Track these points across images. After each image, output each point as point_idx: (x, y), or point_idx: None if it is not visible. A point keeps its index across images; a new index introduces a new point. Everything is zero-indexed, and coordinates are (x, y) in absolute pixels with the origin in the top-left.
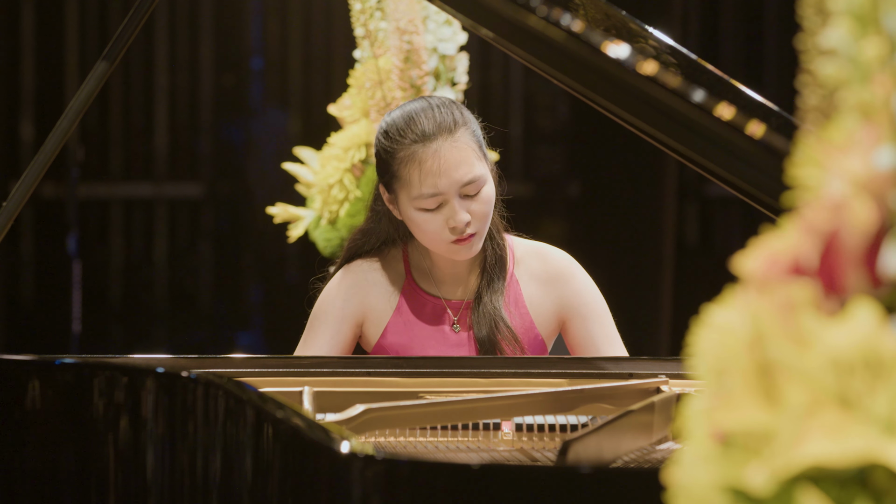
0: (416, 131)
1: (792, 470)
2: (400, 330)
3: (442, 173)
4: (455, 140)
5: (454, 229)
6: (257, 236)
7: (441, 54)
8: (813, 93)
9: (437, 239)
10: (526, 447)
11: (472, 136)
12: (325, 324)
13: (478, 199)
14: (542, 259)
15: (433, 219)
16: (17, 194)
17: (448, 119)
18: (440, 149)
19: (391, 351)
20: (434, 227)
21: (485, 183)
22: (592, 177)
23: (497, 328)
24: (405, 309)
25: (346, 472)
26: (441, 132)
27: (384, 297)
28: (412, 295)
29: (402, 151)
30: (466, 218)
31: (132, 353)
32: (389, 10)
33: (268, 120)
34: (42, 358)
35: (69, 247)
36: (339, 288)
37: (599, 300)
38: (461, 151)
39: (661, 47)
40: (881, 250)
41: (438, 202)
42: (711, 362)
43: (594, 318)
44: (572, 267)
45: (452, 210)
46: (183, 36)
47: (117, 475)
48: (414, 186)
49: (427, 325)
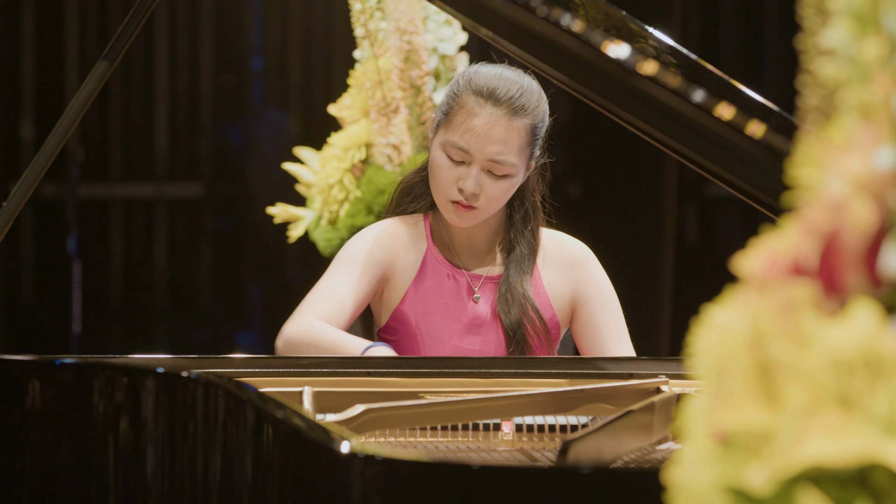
0: (489, 87)
1: (792, 470)
2: (420, 298)
3: (481, 138)
4: (512, 121)
5: (460, 191)
6: (257, 236)
7: (441, 54)
8: (813, 93)
9: (442, 189)
10: (526, 447)
11: (530, 129)
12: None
13: (497, 182)
14: (561, 245)
15: (450, 169)
16: (17, 194)
17: (522, 101)
18: (494, 117)
19: (409, 317)
20: (446, 177)
21: (513, 174)
22: (592, 177)
23: (525, 312)
24: (426, 276)
25: (346, 472)
26: (506, 104)
27: (409, 260)
28: (433, 263)
29: (465, 97)
30: (475, 188)
31: (132, 353)
32: (389, 10)
33: (268, 120)
34: (42, 358)
35: (69, 247)
36: (373, 234)
37: (611, 292)
38: (510, 133)
39: (661, 47)
40: (881, 250)
41: (462, 158)
42: (711, 362)
43: (603, 307)
44: (589, 255)
45: (468, 173)
46: (183, 36)
47: (117, 475)
48: (454, 131)
49: (447, 294)
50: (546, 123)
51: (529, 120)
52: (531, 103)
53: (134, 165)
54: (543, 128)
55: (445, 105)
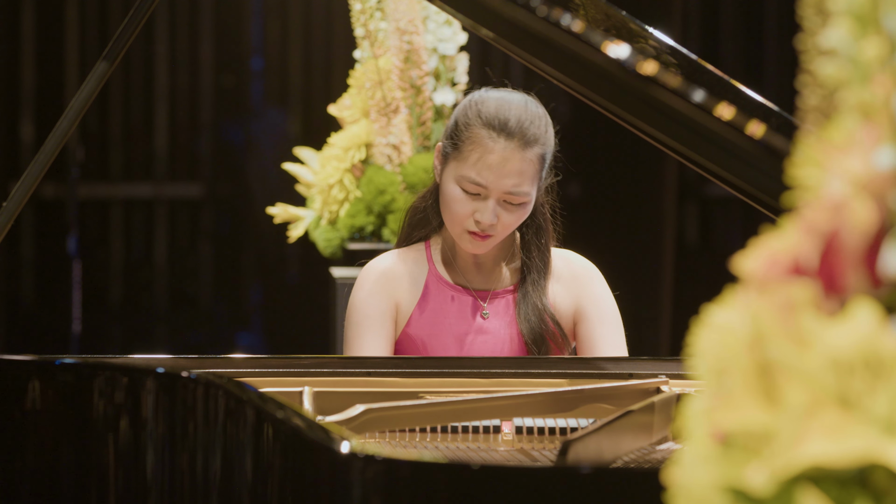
0: (500, 119)
1: (792, 470)
2: (424, 320)
3: (498, 173)
4: (525, 153)
5: (478, 223)
6: (257, 236)
7: (441, 54)
8: (813, 93)
9: (458, 221)
10: (526, 448)
11: (541, 157)
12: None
13: (513, 211)
14: (566, 261)
15: (466, 202)
16: (17, 194)
17: (533, 130)
18: (508, 151)
19: (416, 340)
20: (462, 210)
21: (527, 202)
22: (592, 177)
23: (546, 327)
24: (430, 298)
25: (346, 472)
26: (519, 136)
27: (409, 289)
28: (436, 285)
29: (476, 129)
30: (493, 220)
31: (132, 353)
32: (389, 10)
33: (268, 120)
34: (42, 358)
35: (69, 247)
36: (368, 287)
37: (613, 310)
38: (525, 164)
39: (661, 47)
40: (881, 250)
41: (477, 191)
42: (711, 362)
43: (603, 322)
44: (594, 273)
45: (486, 207)
46: (183, 36)
47: (117, 475)
48: (468, 166)
49: (452, 314)
50: (553, 148)
51: (540, 149)
52: (541, 131)
53: (134, 165)
54: (551, 152)
55: (454, 135)
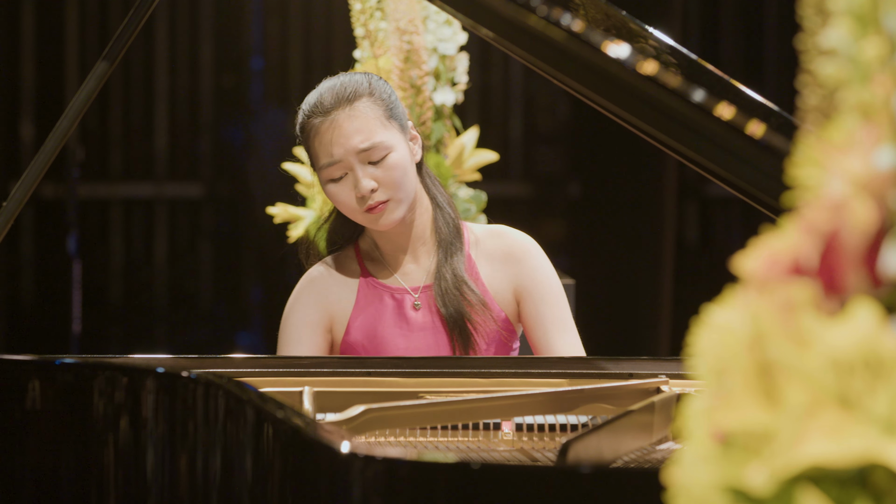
0: (317, 105)
1: (792, 470)
2: (362, 324)
3: (335, 142)
4: (353, 109)
5: (361, 198)
6: (257, 236)
7: (441, 54)
8: (813, 93)
9: (352, 209)
10: (526, 447)
11: (375, 104)
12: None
13: (382, 166)
14: (499, 238)
15: (341, 189)
16: (17, 194)
17: (348, 91)
18: (336, 119)
19: (357, 346)
20: (344, 198)
21: (391, 150)
22: (592, 177)
23: (463, 295)
24: (364, 303)
25: (346, 472)
26: (339, 104)
27: (343, 296)
28: (370, 288)
29: (308, 128)
30: (369, 185)
31: (132, 353)
32: (389, 10)
33: (268, 120)
34: (42, 358)
35: (69, 247)
36: (300, 299)
37: (554, 283)
38: (358, 120)
39: (661, 47)
40: (881, 250)
41: (342, 171)
42: (711, 362)
43: (546, 299)
44: (529, 247)
45: (355, 178)
46: (183, 36)
47: (117, 475)
48: (317, 158)
49: (388, 314)
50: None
51: (368, 98)
52: (360, 85)
53: (134, 165)
54: (393, 97)
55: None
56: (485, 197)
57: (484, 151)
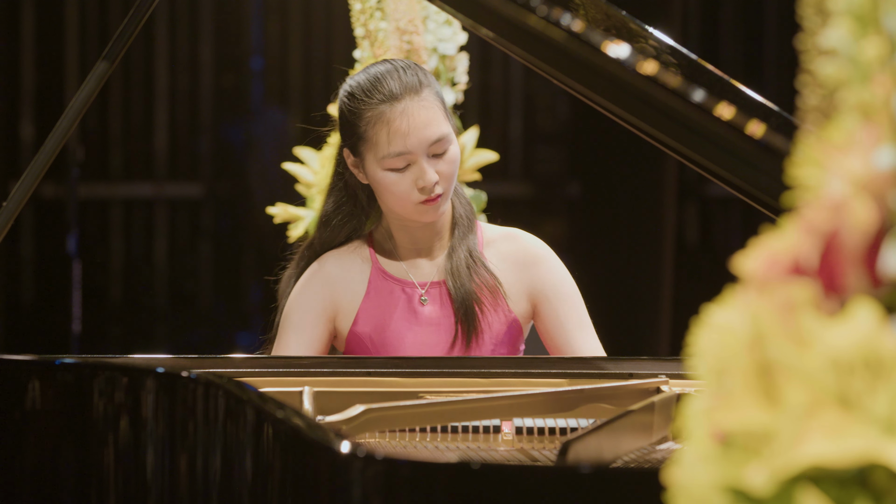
0: (383, 91)
1: (792, 470)
2: (370, 316)
3: (410, 132)
4: (422, 99)
5: (423, 189)
6: (257, 236)
7: (441, 54)
8: (813, 93)
9: (406, 200)
10: (526, 448)
11: (436, 96)
12: (297, 326)
13: (445, 159)
14: (514, 242)
15: (401, 179)
16: (17, 194)
17: (413, 80)
18: (407, 108)
19: (364, 337)
20: (403, 188)
21: (451, 143)
22: (592, 177)
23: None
24: (374, 295)
25: (346, 472)
26: (407, 92)
27: (352, 288)
28: (380, 281)
29: (369, 112)
30: (435, 177)
31: (132, 353)
32: (389, 10)
33: (268, 120)
34: (42, 358)
35: (69, 247)
36: (306, 288)
37: (570, 284)
38: (428, 111)
39: (661, 47)
40: (881, 250)
41: (406, 161)
42: (711, 362)
43: (564, 301)
44: (543, 251)
45: (421, 170)
46: (183, 36)
47: (117, 475)
48: (382, 146)
49: (396, 308)
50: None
51: (430, 88)
52: (420, 75)
53: (134, 165)
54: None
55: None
56: (485, 197)
57: (484, 151)
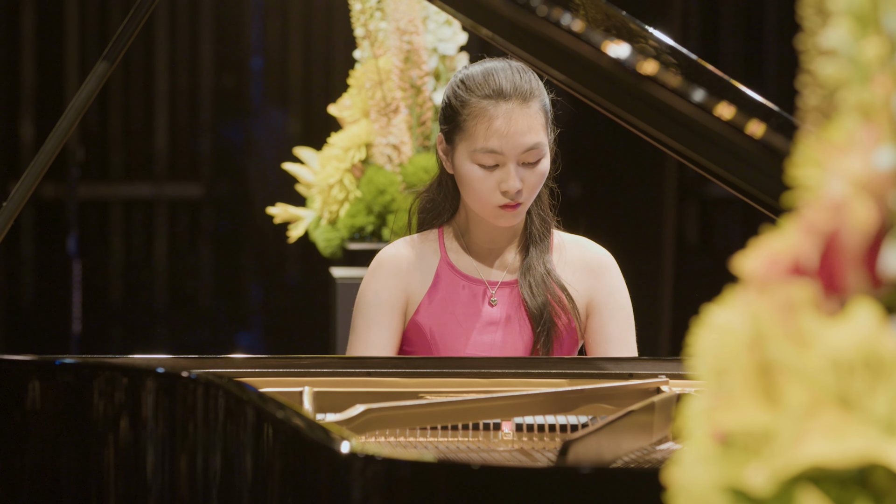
0: (493, 86)
1: (792, 470)
2: (434, 308)
3: (509, 135)
4: (528, 107)
5: (506, 193)
6: (257, 236)
7: (441, 54)
8: (813, 93)
9: (486, 199)
10: (526, 447)
11: (542, 107)
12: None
13: (534, 170)
14: (582, 249)
15: (487, 177)
16: (17, 194)
17: (526, 85)
18: (512, 111)
19: (425, 329)
20: (486, 187)
21: (544, 155)
22: (592, 177)
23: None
24: (440, 287)
25: (346, 472)
26: (516, 95)
27: (420, 277)
28: (448, 274)
29: (474, 103)
30: (519, 185)
31: (132, 353)
32: (389, 10)
33: (268, 120)
34: (42, 358)
35: (69, 247)
36: (378, 279)
37: (627, 304)
38: (531, 119)
39: (661, 47)
40: (881, 250)
41: (496, 161)
42: (711, 362)
43: (615, 318)
44: (610, 263)
45: (507, 173)
46: (183, 36)
47: (117, 475)
48: (478, 140)
49: (462, 304)
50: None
51: (539, 98)
52: (533, 84)
53: (134, 165)
54: (548, 102)
55: (453, 117)
56: None
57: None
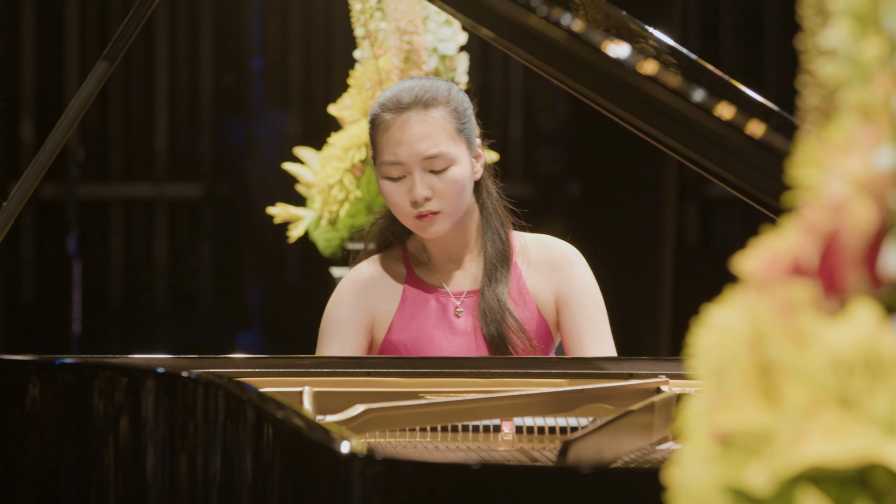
0: (395, 102)
1: (792, 470)
2: (405, 325)
3: (404, 142)
4: (427, 114)
5: (414, 203)
6: (257, 236)
7: (441, 54)
8: (813, 93)
9: (401, 211)
10: (526, 447)
11: (450, 115)
12: (337, 336)
13: (443, 178)
14: (544, 247)
15: (396, 189)
16: (17, 194)
17: (427, 95)
18: (408, 119)
19: (399, 346)
20: (396, 199)
21: (453, 163)
22: (592, 177)
23: (504, 321)
24: (409, 304)
25: (346, 472)
26: (416, 104)
27: (387, 297)
28: (414, 290)
29: (378, 119)
30: (424, 192)
31: (132, 353)
32: (389, 10)
33: (268, 120)
34: (42, 358)
35: (69, 247)
36: (344, 297)
37: (594, 294)
38: (429, 126)
39: (661, 47)
40: (881, 250)
41: (401, 172)
42: (711, 362)
43: (585, 310)
44: (573, 257)
45: (412, 182)
46: (183, 36)
47: (117, 475)
48: (383, 153)
49: (431, 317)
50: (470, 108)
51: (445, 106)
52: (440, 93)
53: (134, 165)
54: (468, 112)
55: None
56: None
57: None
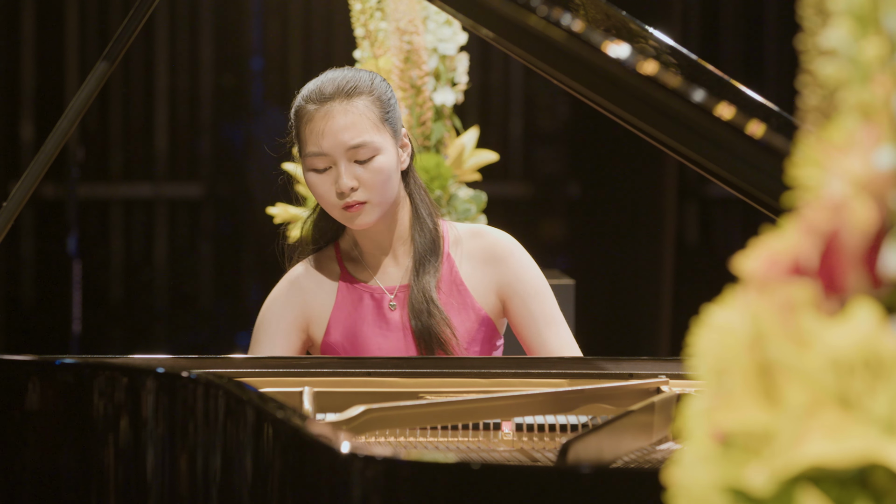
0: (316, 94)
1: (792, 470)
2: (342, 325)
3: (326, 133)
4: (350, 104)
5: (340, 194)
6: (257, 236)
7: (441, 54)
8: (813, 93)
9: (328, 203)
10: (526, 447)
11: (373, 105)
12: (269, 337)
13: (368, 167)
14: (480, 238)
15: (322, 181)
16: (17, 194)
17: (349, 85)
18: (331, 110)
19: (336, 347)
20: (323, 191)
21: (378, 153)
22: (592, 177)
23: (430, 313)
24: (344, 303)
25: (346, 472)
26: (337, 96)
27: (322, 297)
28: (349, 288)
29: (302, 111)
30: (350, 183)
31: (132, 353)
32: (389, 10)
33: (268, 120)
34: (42, 358)
35: (69, 247)
36: (278, 299)
37: (538, 279)
38: (352, 116)
39: (661, 47)
40: (881, 250)
41: (326, 164)
42: (711, 362)
43: (533, 296)
44: (510, 246)
45: (338, 173)
46: (183, 36)
47: (117, 475)
48: (307, 144)
49: (366, 314)
50: (394, 98)
51: (368, 96)
52: (363, 83)
53: (134, 165)
54: (392, 101)
55: (294, 132)
56: (485, 197)
57: (484, 151)
